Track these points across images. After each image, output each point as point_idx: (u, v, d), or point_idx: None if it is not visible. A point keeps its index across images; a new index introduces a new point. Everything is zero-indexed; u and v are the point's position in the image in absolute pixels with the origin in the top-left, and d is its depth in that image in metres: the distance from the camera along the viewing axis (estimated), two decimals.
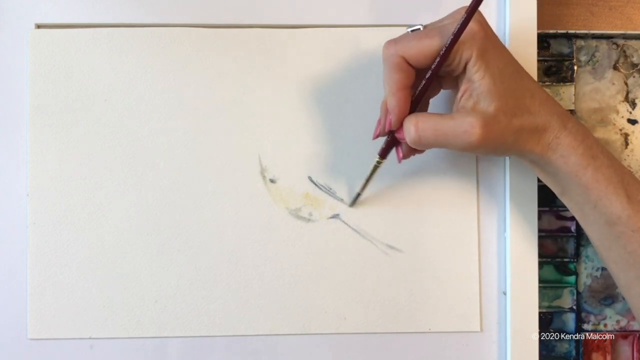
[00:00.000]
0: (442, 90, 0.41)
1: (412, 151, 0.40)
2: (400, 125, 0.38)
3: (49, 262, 0.43)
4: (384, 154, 0.40)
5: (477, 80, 0.36)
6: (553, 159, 0.37)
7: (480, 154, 0.43)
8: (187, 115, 0.44)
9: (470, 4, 0.35)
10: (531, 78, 0.39)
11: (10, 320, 0.44)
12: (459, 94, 0.37)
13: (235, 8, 0.44)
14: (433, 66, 0.36)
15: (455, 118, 0.36)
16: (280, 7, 0.44)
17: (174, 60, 0.44)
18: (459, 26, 0.35)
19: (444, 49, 0.36)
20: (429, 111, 0.41)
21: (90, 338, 0.44)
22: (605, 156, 0.38)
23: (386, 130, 0.39)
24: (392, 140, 0.39)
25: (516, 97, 0.37)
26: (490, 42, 0.36)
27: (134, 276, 0.44)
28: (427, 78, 0.37)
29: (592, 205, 0.37)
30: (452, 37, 0.35)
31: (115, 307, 0.44)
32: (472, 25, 0.35)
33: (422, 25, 0.38)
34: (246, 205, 0.44)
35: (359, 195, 0.43)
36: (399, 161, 0.40)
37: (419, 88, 0.38)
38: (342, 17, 0.45)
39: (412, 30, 0.38)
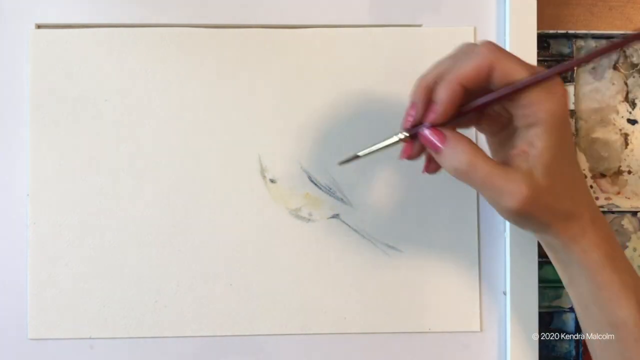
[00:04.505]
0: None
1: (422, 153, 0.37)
2: (437, 126, 0.35)
3: (49, 262, 0.43)
4: (408, 129, 0.36)
5: (539, 148, 0.34)
6: (574, 251, 0.36)
7: (506, 218, 0.39)
8: (187, 115, 0.44)
9: (578, 59, 0.34)
10: (578, 164, 0.37)
11: (10, 320, 0.43)
12: (514, 151, 0.35)
13: (235, 8, 0.44)
14: (503, 92, 0.34)
15: (508, 176, 0.34)
16: (280, 7, 0.44)
17: (174, 60, 0.44)
18: (542, 76, 0.33)
19: (525, 82, 0.33)
20: None
21: (90, 338, 0.44)
22: (624, 260, 0.36)
23: (428, 119, 0.35)
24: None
25: (565, 180, 0.35)
26: (567, 119, 0.35)
27: (134, 276, 0.44)
28: (496, 97, 0.34)
29: (599, 305, 0.36)
30: (535, 85, 0.33)
31: (115, 307, 0.44)
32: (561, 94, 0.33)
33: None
34: (246, 205, 0.44)
35: (356, 157, 0.38)
36: (405, 157, 0.37)
37: (476, 103, 0.35)
38: (342, 17, 0.45)
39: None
